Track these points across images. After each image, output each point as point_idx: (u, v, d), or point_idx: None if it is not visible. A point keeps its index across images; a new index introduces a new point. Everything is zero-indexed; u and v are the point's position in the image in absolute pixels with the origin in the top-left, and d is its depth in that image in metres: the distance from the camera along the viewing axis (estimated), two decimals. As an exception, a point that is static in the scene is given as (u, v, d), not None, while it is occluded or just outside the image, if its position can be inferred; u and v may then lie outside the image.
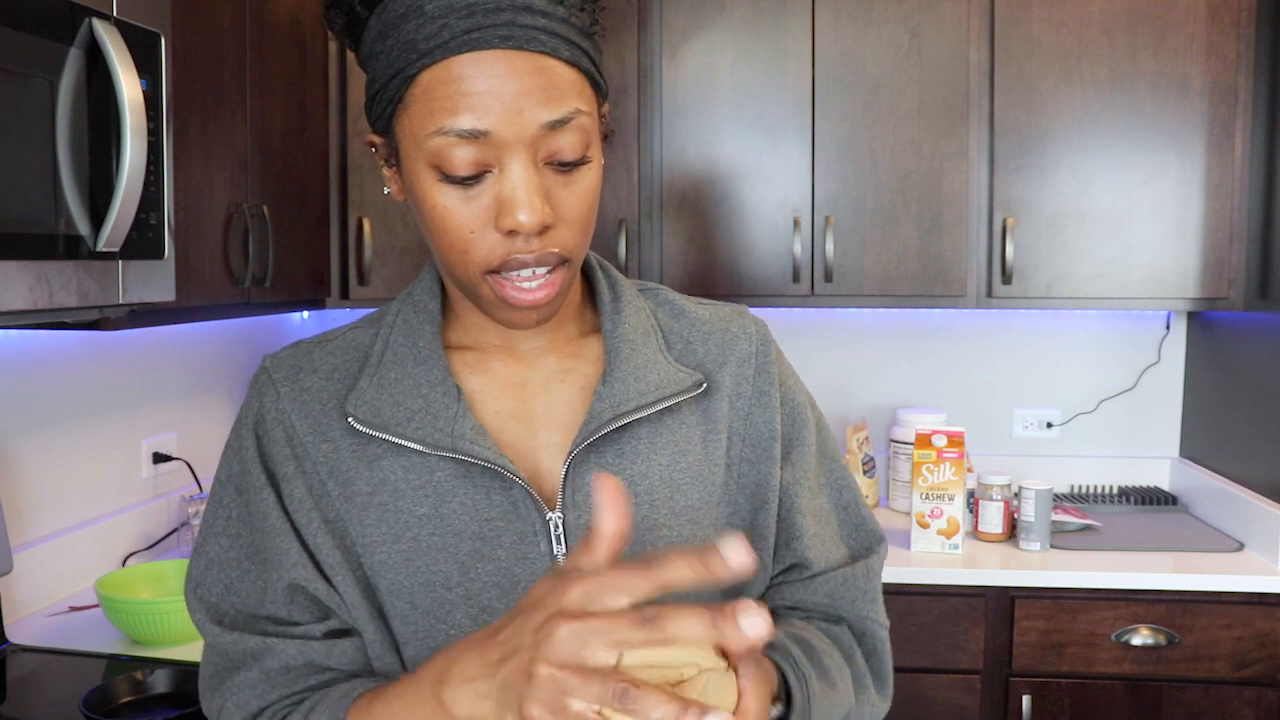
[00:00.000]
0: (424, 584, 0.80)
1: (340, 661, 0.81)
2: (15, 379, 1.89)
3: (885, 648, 0.92)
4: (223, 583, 0.84)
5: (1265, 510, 2.25)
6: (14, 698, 1.60)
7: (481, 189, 0.75)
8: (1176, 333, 2.78)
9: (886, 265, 2.49)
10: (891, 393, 2.85)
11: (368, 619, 0.81)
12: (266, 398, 0.86)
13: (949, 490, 2.29)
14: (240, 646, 0.81)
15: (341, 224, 2.49)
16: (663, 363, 0.87)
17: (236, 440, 0.87)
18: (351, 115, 2.46)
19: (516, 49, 0.73)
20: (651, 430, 0.85)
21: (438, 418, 0.81)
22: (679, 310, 0.93)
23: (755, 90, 2.49)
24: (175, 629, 1.75)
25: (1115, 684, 2.19)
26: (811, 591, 0.90)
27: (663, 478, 0.84)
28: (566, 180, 0.77)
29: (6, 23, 1.25)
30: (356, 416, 0.82)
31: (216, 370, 2.54)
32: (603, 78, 0.81)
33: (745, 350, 0.91)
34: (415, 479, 0.81)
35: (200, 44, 1.84)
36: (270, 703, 0.80)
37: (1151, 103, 2.40)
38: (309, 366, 0.87)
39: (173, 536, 2.30)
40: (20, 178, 1.28)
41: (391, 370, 0.84)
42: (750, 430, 0.89)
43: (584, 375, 0.87)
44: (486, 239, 0.76)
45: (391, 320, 0.88)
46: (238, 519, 0.86)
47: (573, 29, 0.76)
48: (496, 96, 0.73)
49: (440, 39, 0.73)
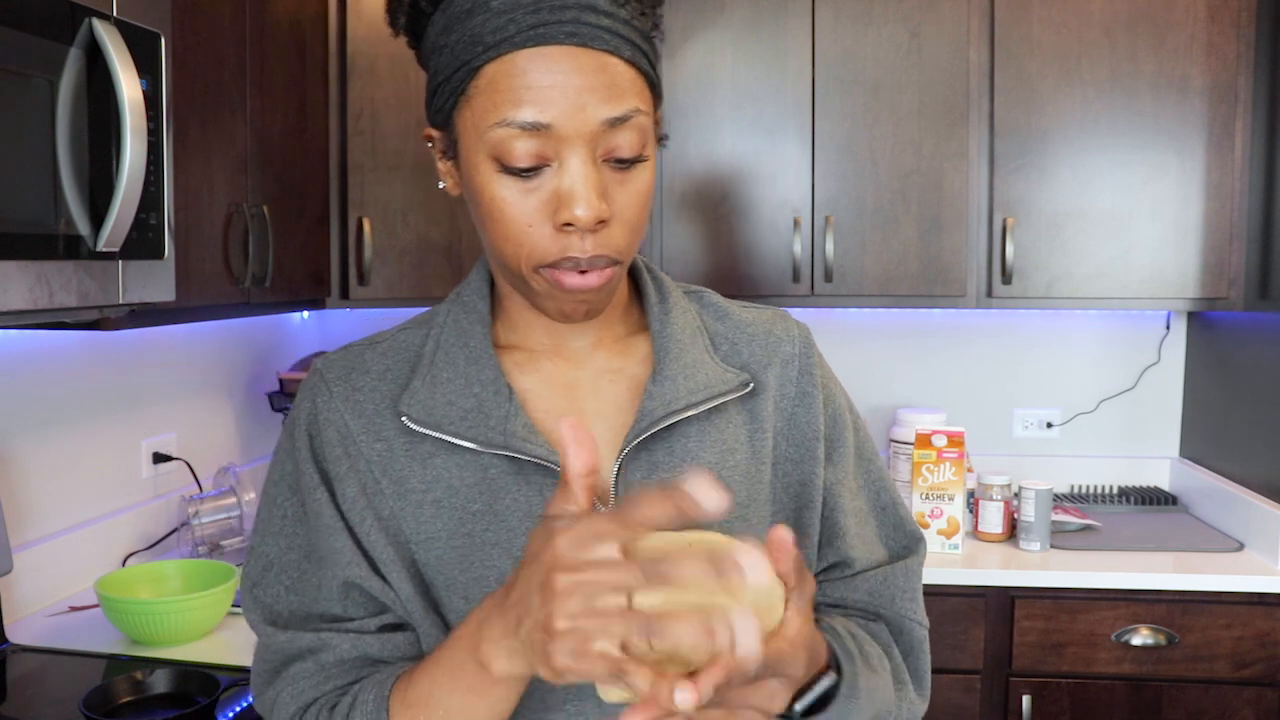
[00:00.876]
0: (479, 579, 0.82)
1: (394, 655, 0.82)
2: (15, 379, 1.89)
3: (924, 647, 0.94)
4: (282, 584, 0.86)
5: (1265, 510, 2.25)
6: (14, 698, 1.60)
7: (540, 182, 0.77)
8: (1176, 333, 2.78)
9: (886, 265, 2.49)
10: (891, 393, 2.85)
11: (423, 614, 0.82)
12: (320, 398, 0.87)
13: (949, 490, 2.29)
14: (296, 644, 0.83)
15: (341, 224, 2.49)
16: (710, 363, 0.88)
17: (290, 441, 0.88)
18: (351, 115, 2.46)
19: (581, 45, 0.75)
20: (700, 429, 0.87)
21: (490, 416, 0.82)
22: (723, 312, 0.95)
23: (755, 90, 2.49)
24: (175, 629, 1.75)
25: (1115, 684, 2.19)
26: (853, 589, 0.91)
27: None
28: (622, 179, 0.78)
29: (6, 23, 1.25)
30: (410, 416, 0.83)
31: (216, 370, 2.54)
32: (660, 81, 0.83)
33: (789, 352, 0.93)
34: (469, 476, 0.83)
35: (200, 44, 1.84)
36: (325, 692, 0.82)
37: (1151, 103, 2.40)
38: (361, 367, 0.88)
39: (173, 536, 2.30)
40: (20, 178, 1.28)
41: (444, 370, 0.85)
42: (794, 430, 0.91)
43: (632, 374, 0.89)
44: (542, 232, 0.77)
45: (442, 321, 0.89)
46: (294, 518, 0.87)
47: (635, 31, 0.77)
48: (560, 91, 0.74)
49: (506, 33, 0.74)
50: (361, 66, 2.46)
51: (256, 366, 2.72)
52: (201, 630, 1.80)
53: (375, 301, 2.51)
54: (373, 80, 2.47)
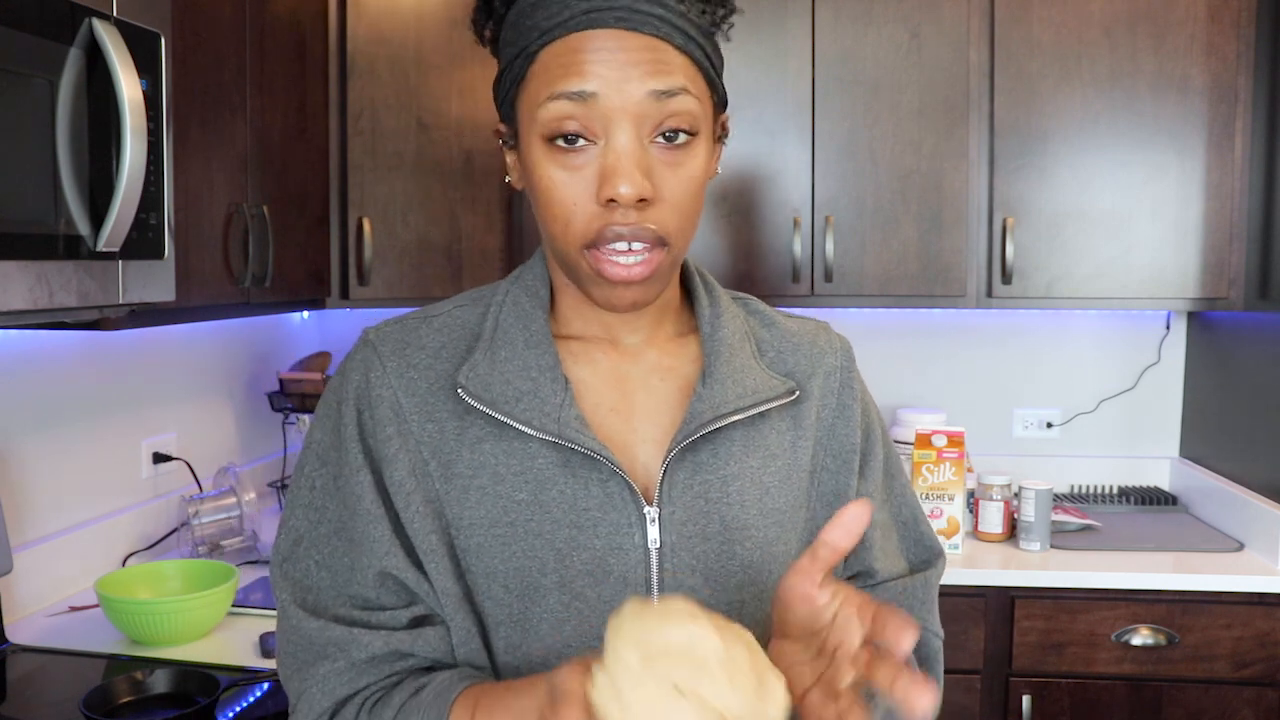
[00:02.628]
0: (519, 569, 0.82)
1: (424, 649, 0.82)
2: (15, 379, 1.89)
3: (939, 656, 0.97)
4: (312, 559, 0.85)
5: (1265, 510, 2.25)
6: (14, 698, 1.60)
7: (586, 159, 0.78)
8: (1176, 333, 2.78)
9: (886, 265, 2.49)
10: (891, 393, 2.85)
11: (456, 606, 0.83)
12: (373, 372, 0.86)
13: (949, 490, 2.29)
14: (325, 635, 0.82)
15: (341, 224, 2.49)
16: (757, 369, 0.89)
17: (335, 413, 0.87)
18: (351, 115, 2.46)
19: (630, 30, 0.77)
20: (745, 434, 0.87)
21: (545, 403, 0.83)
22: (769, 320, 0.96)
23: (755, 90, 2.49)
24: (175, 629, 1.75)
25: (1115, 684, 2.19)
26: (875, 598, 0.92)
27: (753, 480, 0.87)
28: (672, 159, 0.79)
29: (6, 23, 1.25)
30: (467, 389, 0.83)
31: (216, 370, 2.54)
32: (721, 83, 0.84)
33: (832, 364, 0.94)
34: (516, 464, 0.83)
35: (200, 44, 1.84)
36: (358, 689, 0.82)
37: (1151, 103, 2.40)
38: (416, 343, 0.87)
39: (173, 536, 2.30)
40: (20, 178, 1.28)
41: (503, 349, 0.85)
42: (833, 441, 0.92)
43: (682, 375, 0.89)
44: (587, 210, 0.78)
45: (501, 300, 0.89)
46: (322, 490, 0.86)
47: (689, 23, 0.79)
48: (606, 64, 0.76)
49: (560, 18, 0.77)
50: (361, 66, 2.46)
51: (256, 366, 2.72)
52: (201, 630, 1.80)
53: (375, 301, 2.51)
54: (373, 80, 2.47)
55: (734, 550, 0.85)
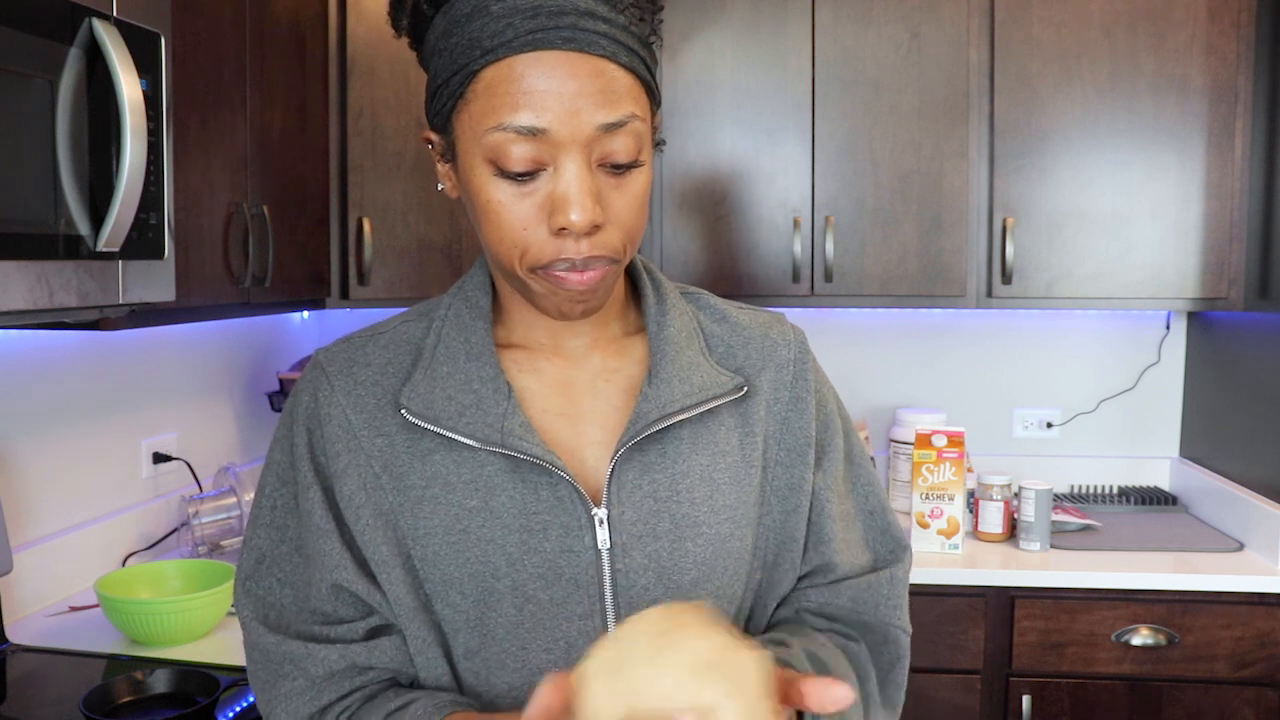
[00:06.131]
0: (473, 575, 0.82)
1: (381, 660, 0.84)
2: (15, 379, 1.89)
3: (905, 655, 0.96)
4: (275, 576, 0.87)
5: (1265, 510, 2.25)
6: (14, 698, 1.60)
7: (535, 186, 0.77)
8: (1176, 333, 2.78)
9: (886, 265, 2.49)
10: (891, 393, 2.85)
11: (410, 615, 0.83)
12: (321, 392, 0.87)
13: (949, 490, 2.29)
14: (282, 649, 0.84)
15: (341, 224, 2.49)
16: (705, 365, 0.89)
17: (288, 433, 0.89)
18: (351, 115, 2.46)
19: (577, 51, 0.75)
20: (693, 431, 0.87)
21: (488, 413, 0.83)
22: (720, 314, 0.95)
23: (755, 90, 2.49)
24: (175, 629, 1.75)
25: (1115, 684, 2.19)
26: (836, 594, 0.92)
27: (703, 477, 0.87)
28: (618, 183, 0.79)
29: (6, 23, 1.25)
30: (410, 409, 0.83)
31: (216, 370, 2.54)
32: (657, 86, 0.83)
33: (784, 357, 0.94)
34: (466, 473, 0.83)
35: (200, 44, 1.84)
36: (322, 706, 0.83)
37: (1151, 103, 2.40)
38: (363, 360, 0.88)
39: (173, 536, 2.30)
40: (20, 178, 1.28)
41: (444, 364, 0.86)
42: (786, 435, 0.92)
43: (628, 375, 0.89)
44: (538, 236, 0.78)
45: (444, 314, 0.89)
46: (283, 509, 0.88)
47: (632, 36, 0.78)
48: (556, 96, 0.75)
49: (504, 37, 0.75)
50: (361, 66, 2.46)
51: (256, 366, 2.72)
52: (201, 630, 1.80)
53: (375, 301, 2.51)
54: (373, 80, 2.47)
55: (686, 548, 0.85)
